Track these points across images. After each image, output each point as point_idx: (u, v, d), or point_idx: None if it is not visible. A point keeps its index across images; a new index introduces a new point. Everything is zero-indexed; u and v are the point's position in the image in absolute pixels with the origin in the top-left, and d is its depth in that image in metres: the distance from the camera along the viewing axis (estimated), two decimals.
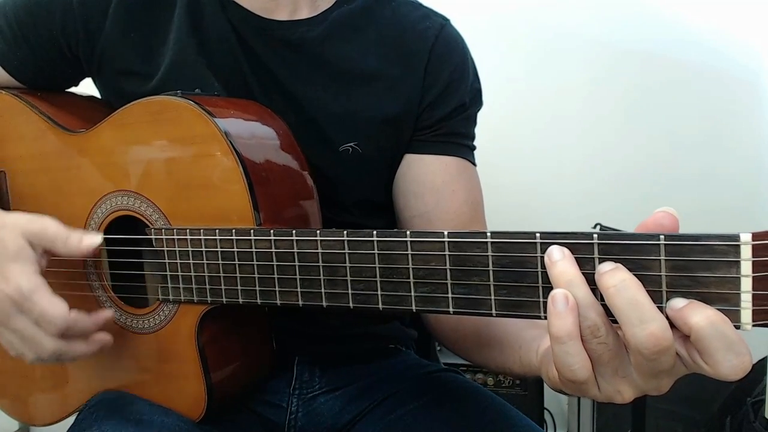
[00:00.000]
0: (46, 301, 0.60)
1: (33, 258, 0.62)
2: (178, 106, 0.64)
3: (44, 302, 0.60)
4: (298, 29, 0.74)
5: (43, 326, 0.61)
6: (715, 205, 1.53)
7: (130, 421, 0.64)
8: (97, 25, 0.73)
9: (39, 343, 0.61)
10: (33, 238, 0.62)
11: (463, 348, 0.75)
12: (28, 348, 0.62)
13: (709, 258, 0.40)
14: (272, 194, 0.63)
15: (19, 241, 0.62)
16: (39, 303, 0.60)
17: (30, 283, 0.60)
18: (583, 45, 1.64)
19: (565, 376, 0.44)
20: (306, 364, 0.81)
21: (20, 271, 0.60)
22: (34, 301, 0.60)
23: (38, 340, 0.61)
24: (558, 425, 1.65)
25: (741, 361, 0.39)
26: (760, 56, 1.57)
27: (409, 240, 0.49)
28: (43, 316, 0.60)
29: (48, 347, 0.61)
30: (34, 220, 0.63)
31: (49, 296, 0.60)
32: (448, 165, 0.78)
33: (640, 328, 0.40)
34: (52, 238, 0.63)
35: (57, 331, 0.60)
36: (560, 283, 0.43)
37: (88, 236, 0.64)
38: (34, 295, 0.60)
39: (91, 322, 0.63)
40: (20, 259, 0.61)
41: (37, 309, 0.60)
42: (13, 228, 0.62)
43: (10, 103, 0.76)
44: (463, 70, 0.79)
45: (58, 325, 0.60)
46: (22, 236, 0.62)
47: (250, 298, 0.59)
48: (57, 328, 0.60)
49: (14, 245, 0.61)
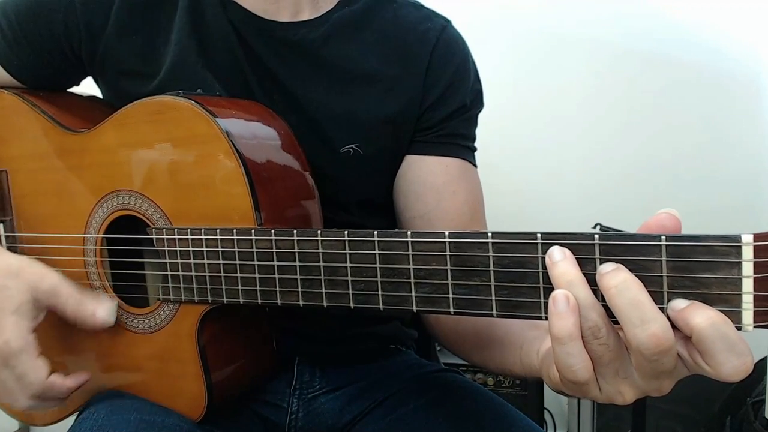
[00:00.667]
0: (30, 364, 0.63)
1: (31, 316, 0.64)
2: (179, 106, 0.64)
3: (27, 364, 0.63)
4: (299, 30, 0.74)
5: (22, 385, 0.63)
6: (715, 205, 1.53)
7: (131, 421, 0.64)
8: (99, 26, 0.73)
9: (15, 397, 0.65)
10: (40, 296, 0.64)
11: (462, 349, 0.75)
12: (6, 396, 0.65)
13: (711, 259, 0.40)
14: (273, 194, 0.63)
15: (24, 296, 0.63)
16: (23, 364, 0.62)
17: (19, 341, 0.62)
18: (583, 45, 1.64)
19: (566, 377, 0.44)
20: (306, 364, 0.81)
21: (14, 326, 0.62)
22: (20, 360, 0.62)
23: (15, 395, 0.64)
24: (558, 425, 1.65)
25: (742, 362, 0.39)
26: (760, 56, 1.57)
27: (410, 240, 0.49)
28: (24, 377, 0.63)
29: (22, 404, 0.65)
30: (45, 278, 0.65)
31: (33, 359, 0.63)
32: (448, 166, 0.78)
33: (641, 328, 0.40)
34: (63, 300, 0.65)
35: (32, 394, 0.64)
36: (561, 283, 0.43)
37: (101, 308, 0.66)
38: (21, 355, 0.62)
39: (65, 389, 0.66)
40: (18, 314, 0.63)
41: (20, 369, 0.63)
42: (22, 280, 0.64)
43: (12, 102, 0.76)
44: (464, 71, 0.80)
45: (34, 389, 0.63)
46: (29, 291, 0.64)
47: (250, 298, 0.59)
48: (32, 391, 0.63)
49: (18, 299, 0.63)
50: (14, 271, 0.64)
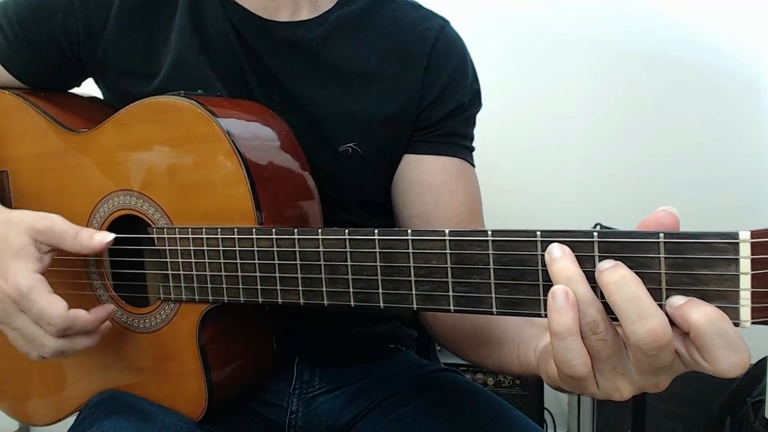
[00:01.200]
0: (44, 300, 0.60)
1: (34, 256, 0.62)
2: (180, 106, 0.64)
3: (42, 301, 0.60)
4: (298, 30, 0.75)
5: (43, 325, 0.61)
6: (715, 204, 1.53)
7: (131, 421, 0.64)
8: (99, 26, 0.73)
9: (40, 341, 0.62)
10: (39, 235, 0.62)
11: (460, 347, 0.75)
12: (31, 346, 0.63)
13: (709, 256, 0.40)
14: (274, 194, 0.63)
15: (23, 239, 0.62)
16: (37, 302, 0.60)
17: (28, 281, 0.60)
18: (583, 45, 1.64)
19: (564, 372, 0.44)
20: (306, 364, 0.81)
21: (20, 269, 0.60)
22: (32, 299, 0.60)
23: (39, 338, 0.61)
24: (558, 425, 1.65)
25: (740, 358, 0.39)
26: (760, 56, 1.57)
27: (411, 238, 0.50)
28: (42, 315, 0.60)
29: (49, 346, 0.62)
30: (40, 218, 0.63)
31: (46, 295, 0.60)
32: (447, 165, 0.78)
33: (639, 324, 0.40)
34: (59, 234, 0.63)
35: (56, 330, 0.60)
36: (560, 279, 0.43)
37: (100, 233, 0.64)
38: (32, 293, 0.60)
39: (91, 319, 0.63)
40: (21, 257, 0.61)
41: (36, 308, 0.60)
42: (18, 225, 0.62)
43: (13, 102, 0.77)
44: (462, 71, 0.80)
45: (57, 324, 0.60)
46: (27, 234, 0.62)
47: (251, 297, 0.59)
48: (56, 327, 0.60)
49: (17, 243, 0.61)
50: (12, 219, 0.63)
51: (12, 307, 0.61)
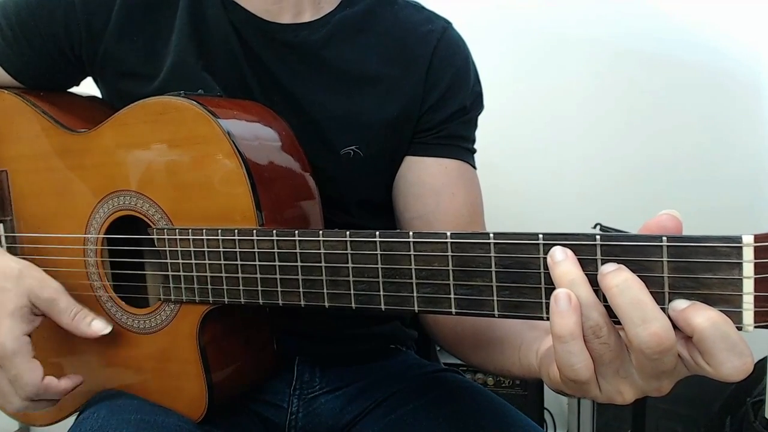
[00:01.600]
0: (25, 366, 0.63)
1: (27, 318, 0.65)
2: (181, 106, 0.64)
3: (22, 366, 0.63)
4: (300, 32, 0.74)
5: (16, 387, 0.64)
6: (715, 205, 1.53)
7: (131, 421, 0.64)
8: (100, 26, 0.73)
9: (8, 398, 0.65)
10: (39, 303, 0.65)
11: (461, 349, 0.75)
12: (0, 398, 0.66)
13: (712, 260, 0.40)
14: (275, 195, 0.63)
15: (22, 301, 0.64)
16: (18, 366, 0.63)
17: (14, 344, 0.63)
18: (583, 45, 1.64)
19: (566, 376, 0.44)
20: (306, 364, 0.81)
21: (10, 329, 0.63)
22: (14, 362, 0.63)
23: (8, 396, 0.65)
24: (558, 425, 1.65)
25: (743, 362, 0.39)
26: (760, 56, 1.57)
27: (412, 240, 0.49)
28: (18, 379, 0.63)
29: (15, 405, 0.65)
30: (45, 287, 0.65)
31: (27, 361, 0.63)
32: (448, 167, 0.78)
33: (642, 327, 0.40)
34: (59, 310, 0.66)
35: (27, 395, 0.64)
36: (563, 283, 0.43)
37: (98, 322, 0.67)
38: (15, 357, 0.63)
39: (60, 390, 0.66)
40: (15, 317, 0.64)
41: (14, 371, 0.63)
42: (21, 285, 0.65)
43: (12, 102, 0.76)
44: (464, 73, 0.80)
45: (29, 391, 0.64)
46: (27, 297, 0.64)
47: (252, 299, 0.59)
48: (27, 393, 0.64)
49: (15, 303, 0.64)
50: (14, 274, 0.65)
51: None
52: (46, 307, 0.65)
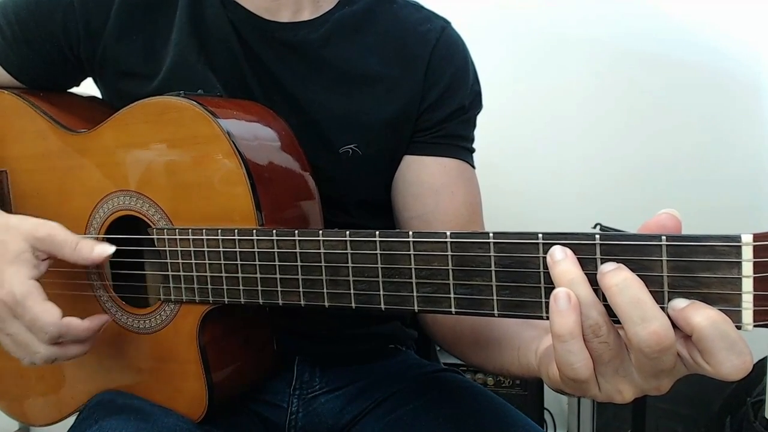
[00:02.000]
0: (38, 307, 0.60)
1: (31, 263, 0.62)
2: (180, 106, 0.64)
3: (36, 308, 0.60)
4: (299, 31, 0.74)
5: (35, 332, 0.61)
6: (715, 205, 1.53)
7: (131, 421, 0.64)
8: (99, 26, 0.73)
9: (32, 348, 0.62)
10: (37, 243, 0.63)
11: (460, 349, 0.75)
12: (23, 352, 0.63)
13: (711, 259, 0.40)
14: (274, 194, 0.63)
15: (21, 245, 0.62)
16: (31, 309, 0.60)
17: (23, 287, 0.60)
18: (583, 45, 1.64)
19: (566, 375, 0.44)
20: (306, 364, 0.81)
21: (16, 275, 0.61)
22: (26, 306, 0.60)
23: (31, 345, 0.62)
24: (558, 425, 1.65)
25: (742, 361, 0.39)
26: (760, 56, 1.57)
27: (412, 240, 0.49)
28: (35, 322, 0.60)
29: (40, 353, 0.62)
30: (40, 225, 0.63)
31: (41, 302, 0.60)
32: (447, 167, 0.78)
33: (641, 326, 0.40)
34: (59, 243, 0.63)
35: (49, 338, 0.61)
36: (562, 282, 0.43)
37: (100, 245, 0.64)
38: (26, 300, 0.60)
39: (84, 328, 0.63)
40: (18, 263, 0.61)
41: (29, 315, 0.60)
42: (17, 231, 0.63)
43: (12, 102, 0.76)
44: (463, 72, 0.80)
45: (50, 332, 0.60)
46: (25, 240, 0.62)
47: (252, 298, 0.59)
48: (48, 335, 0.60)
49: (15, 249, 0.62)
50: (11, 224, 0.63)
51: (6, 312, 0.61)
52: (46, 245, 0.63)
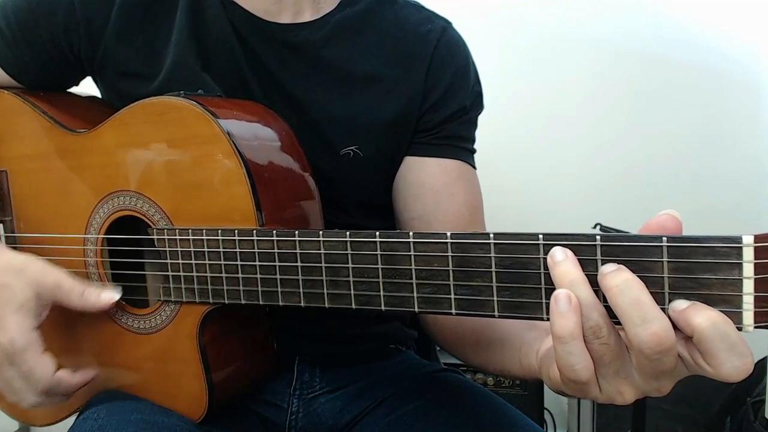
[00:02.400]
0: (35, 360, 0.62)
1: (35, 312, 0.64)
2: (181, 106, 0.64)
3: (32, 361, 0.62)
4: (300, 32, 0.74)
5: (29, 382, 0.63)
6: (714, 205, 1.53)
7: (131, 421, 0.64)
8: (99, 26, 0.73)
9: (22, 395, 0.64)
10: (44, 291, 0.64)
11: (461, 350, 0.75)
12: (13, 395, 0.65)
13: (712, 260, 0.40)
14: (275, 195, 0.63)
15: (27, 293, 0.63)
16: (28, 361, 0.62)
17: (24, 339, 0.62)
18: (582, 44, 1.64)
19: (567, 376, 0.44)
20: (306, 364, 0.81)
21: (19, 324, 0.62)
22: (25, 358, 0.62)
23: (22, 392, 0.64)
24: (558, 425, 1.65)
25: (743, 362, 0.39)
26: (760, 56, 1.57)
27: (412, 241, 0.49)
28: (30, 374, 0.63)
29: (30, 400, 0.64)
30: (47, 273, 0.65)
31: (38, 355, 0.63)
32: (447, 168, 0.78)
33: (642, 327, 0.40)
34: (66, 292, 0.65)
35: (40, 390, 0.63)
36: (563, 283, 0.43)
37: (107, 291, 0.66)
38: (25, 353, 0.62)
39: (74, 384, 0.66)
40: (22, 312, 0.63)
41: (26, 366, 0.62)
42: (25, 277, 0.64)
43: (12, 102, 0.76)
44: (464, 73, 0.80)
45: (42, 384, 0.63)
46: (31, 288, 0.63)
47: (252, 299, 0.59)
48: (41, 387, 0.63)
49: (21, 296, 0.63)
50: (17, 268, 0.64)
51: (4, 358, 0.63)
52: (53, 292, 0.64)
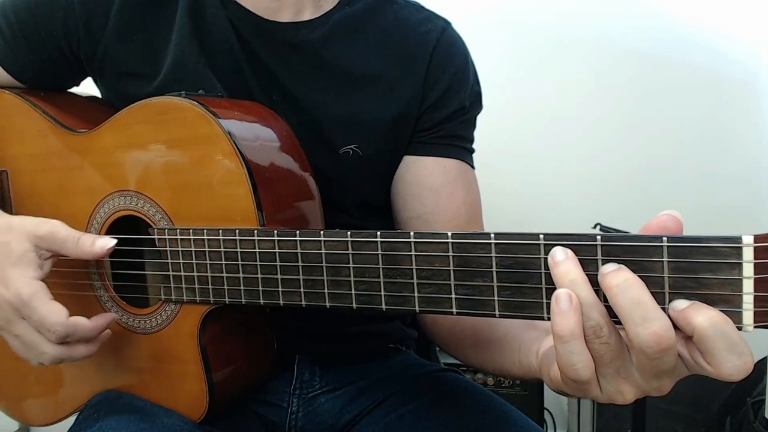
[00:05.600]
0: (45, 307, 0.60)
1: (35, 263, 0.62)
2: (181, 106, 0.64)
3: (43, 309, 0.60)
4: (300, 31, 0.74)
5: (43, 332, 0.61)
6: (715, 205, 1.53)
7: (131, 421, 0.64)
8: (99, 26, 0.73)
9: (40, 348, 0.62)
10: (40, 242, 0.63)
11: (460, 350, 0.75)
12: (31, 353, 0.63)
13: (712, 260, 0.40)
14: (275, 195, 0.63)
15: (24, 245, 0.62)
16: (38, 309, 0.60)
17: (29, 288, 0.60)
18: (583, 45, 1.64)
19: (568, 376, 0.44)
20: (306, 363, 0.81)
21: (21, 276, 0.61)
22: (33, 307, 0.60)
23: (39, 345, 0.62)
24: (558, 425, 1.65)
25: (743, 361, 0.39)
26: (760, 56, 1.57)
27: (413, 240, 0.49)
28: (42, 322, 0.60)
29: (48, 353, 0.62)
30: (42, 223, 0.63)
31: (47, 302, 0.60)
32: (446, 167, 0.78)
33: (642, 327, 0.40)
34: (62, 239, 0.63)
35: (56, 338, 0.61)
36: (563, 283, 0.43)
37: (102, 238, 0.64)
38: (33, 300, 0.60)
39: (91, 327, 0.63)
40: (22, 263, 0.61)
41: (36, 315, 0.60)
42: (20, 232, 0.63)
43: (13, 102, 0.76)
44: (463, 73, 0.80)
45: (58, 331, 0.60)
46: (28, 240, 0.62)
47: (252, 299, 0.59)
48: (56, 335, 0.60)
49: (18, 249, 0.62)
50: (12, 225, 0.63)
51: (13, 314, 0.61)
52: (48, 243, 0.63)
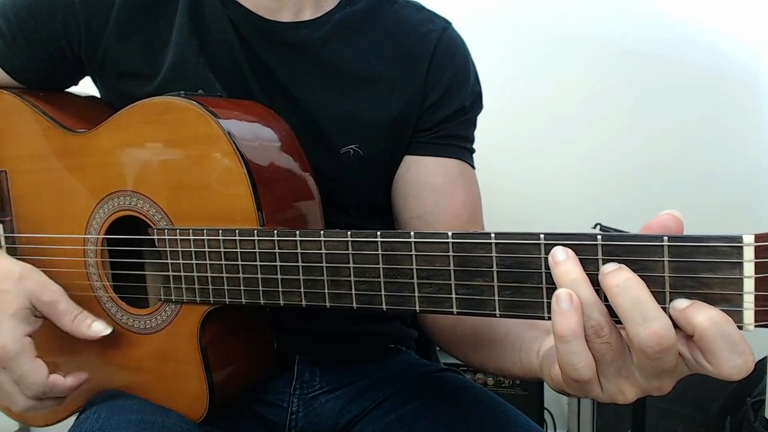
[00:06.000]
0: (28, 365, 0.63)
1: (28, 320, 0.65)
2: (181, 106, 0.64)
3: (25, 367, 0.63)
4: (300, 31, 0.74)
5: (21, 387, 0.64)
6: (715, 205, 1.53)
7: (131, 422, 0.64)
8: (99, 26, 0.73)
9: (13, 399, 0.65)
10: (39, 305, 0.66)
11: (461, 349, 0.75)
12: (4, 399, 0.66)
13: (712, 259, 0.40)
14: (275, 195, 0.63)
15: (22, 302, 0.65)
16: (21, 366, 0.63)
17: (17, 345, 0.63)
18: (583, 45, 1.64)
19: (569, 375, 0.44)
20: (306, 363, 0.81)
21: (12, 329, 0.63)
22: (18, 363, 0.63)
23: (13, 396, 0.65)
24: (558, 425, 1.65)
25: (744, 360, 0.39)
26: (760, 56, 1.57)
27: (413, 240, 0.49)
28: (23, 379, 0.64)
29: (20, 405, 0.65)
30: (46, 290, 0.66)
31: (31, 360, 0.64)
32: (447, 167, 0.78)
33: (643, 326, 0.40)
34: (61, 312, 0.66)
35: (33, 395, 0.64)
36: (564, 282, 0.43)
37: (98, 323, 0.67)
38: (18, 357, 0.63)
39: (66, 387, 0.66)
40: (16, 318, 0.64)
41: (19, 371, 0.63)
42: (23, 288, 0.65)
43: (12, 102, 0.76)
44: (464, 73, 0.80)
45: (34, 390, 0.64)
46: (27, 298, 0.65)
47: (252, 299, 0.59)
48: (33, 392, 0.64)
49: (16, 305, 0.64)
50: (15, 276, 0.66)
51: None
52: (47, 309, 0.66)
